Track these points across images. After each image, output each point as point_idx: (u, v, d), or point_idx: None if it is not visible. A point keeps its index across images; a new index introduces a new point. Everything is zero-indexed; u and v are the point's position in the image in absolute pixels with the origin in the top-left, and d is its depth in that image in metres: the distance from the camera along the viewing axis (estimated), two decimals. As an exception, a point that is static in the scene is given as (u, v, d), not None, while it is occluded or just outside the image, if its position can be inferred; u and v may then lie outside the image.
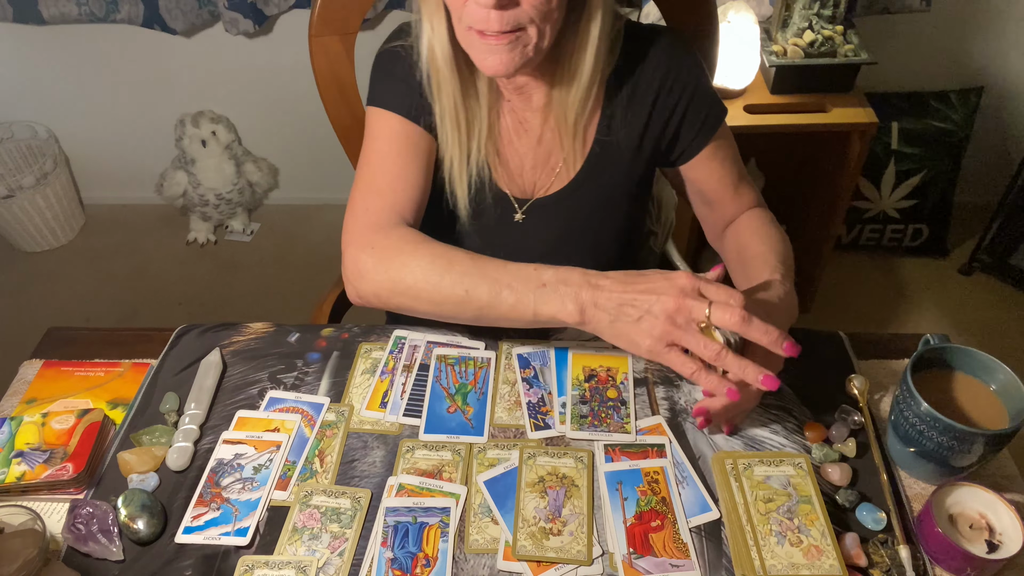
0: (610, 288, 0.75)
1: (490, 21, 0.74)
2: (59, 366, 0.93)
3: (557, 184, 0.96)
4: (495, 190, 0.96)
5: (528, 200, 0.97)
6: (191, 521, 0.77)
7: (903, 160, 2.03)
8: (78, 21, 2.05)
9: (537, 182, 0.97)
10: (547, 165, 0.96)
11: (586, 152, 0.94)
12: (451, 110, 0.88)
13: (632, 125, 0.93)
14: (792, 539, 0.73)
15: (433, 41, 0.83)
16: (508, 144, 0.95)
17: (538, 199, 0.97)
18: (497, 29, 0.75)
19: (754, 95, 1.75)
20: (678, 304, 0.72)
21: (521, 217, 0.97)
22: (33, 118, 2.35)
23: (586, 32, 0.83)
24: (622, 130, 0.93)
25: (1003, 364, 0.77)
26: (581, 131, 0.92)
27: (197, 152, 2.27)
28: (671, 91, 0.91)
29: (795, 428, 0.84)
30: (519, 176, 0.97)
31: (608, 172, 0.95)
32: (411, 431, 0.85)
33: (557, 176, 0.96)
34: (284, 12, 2.07)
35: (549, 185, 0.97)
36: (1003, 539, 0.70)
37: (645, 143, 0.94)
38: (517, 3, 0.75)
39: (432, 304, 0.82)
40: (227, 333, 0.97)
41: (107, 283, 2.32)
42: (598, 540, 0.74)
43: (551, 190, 0.97)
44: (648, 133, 0.94)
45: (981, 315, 2.08)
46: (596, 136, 0.93)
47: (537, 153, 0.95)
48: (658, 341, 0.73)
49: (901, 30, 2.01)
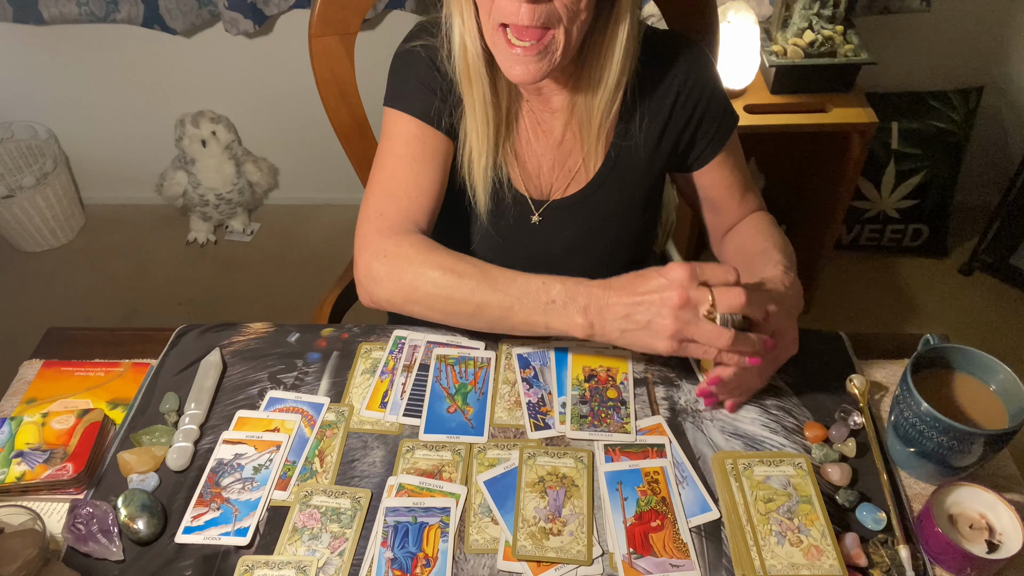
0: (616, 299, 0.76)
1: (520, 15, 0.74)
2: (59, 366, 0.93)
3: (574, 186, 0.97)
4: (513, 191, 0.96)
5: (545, 202, 0.97)
6: (191, 521, 0.77)
7: (903, 160, 2.03)
8: (78, 21, 2.05)
9: (554, 184, 0.97)
10: (564, 167, 0.96)
11: (604, 155, 0.94)
12: (481, 104, 0.87)
13: (650, 130, 0.93)
14: (792, 539, 0.73)
15: (465, 36, 0.83)
16: (526, 145, 0.95)
17: (555, 201, 0.97)
18: (528, 23, 0.74)
19: (754, 95, 1.75)
20: (681, 299, 0.73)
21: (538, 219, 0.97)
22: (33, 118, 2.35)
23: (613, 36, 0.82)
24: (640, 135, 0.93)
25: (1003, 364, 0.77)
26: (603, 135, 0.92)
27: (197, 152, 2.27)
28: (689, 97, 0.92)
29: (795, 428, 0.84)
30: (536, 177, 0.97)
31: (625, 176, 0.96)
32: (411, 431, 0.85)
33: (574, 179, 0.96)
34: (284, 12, 2.07)
35: (566, 187, 0.97)
36: (1003, 539, 0.70)
37: (662, 148, 0.95)
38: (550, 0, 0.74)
39: (444, 314, 0.83)
40: (227, 333, 0.97)
41: (107, 283, 2.32)
42: (598, 540, 0.74)
43: (568, 192, 0.97)
44: (665, 138, 0.94)
45: (981, 315, 2.08)
46: (614, 140, 0.94)
47: (555, 155, 0.96)
48: (671, 340, 0.74)
49: (901, 30, 2.00)
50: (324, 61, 1.10)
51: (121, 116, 2.35)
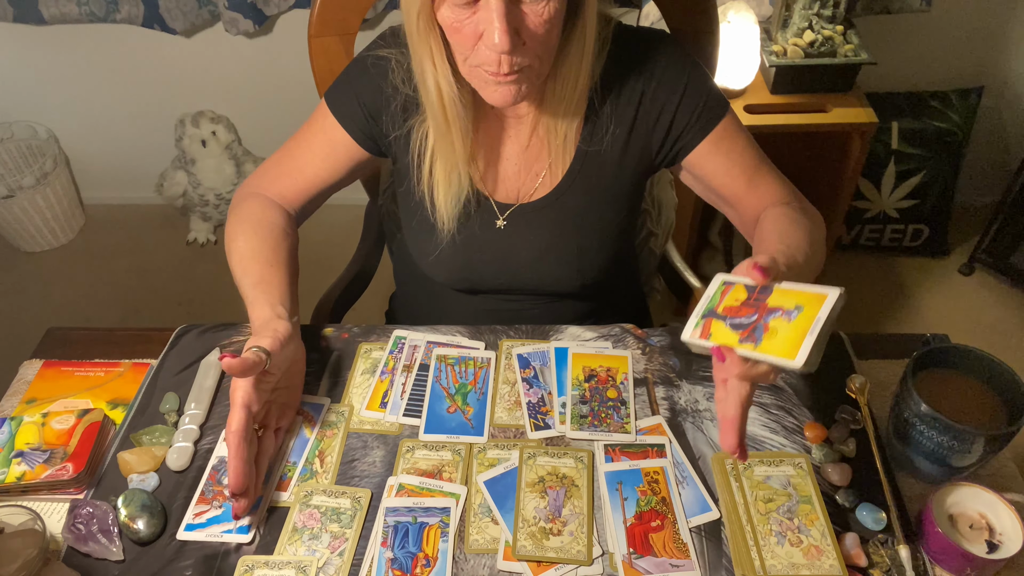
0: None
1: (500, 64, 0.75)
2: (59, 366, 0.93)
3: (540, 191, 0.96)
4: (477, 195, 0.96)
5: (511, 206, 0.97)
6: (193, 518, 0.77)
7: (903, 160, 2.03)
8: (78, 21, 2.05)
9: (521, 188, 0.97)
10: (531, 171, 0.96)
11: (571, 160, 0.94)
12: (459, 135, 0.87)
13: (617, 134, 0.92)
14: (792, 539, 0.73)
15: (440, 80, 0.83)
16: (492, 150, 0.95)
17: (520, 206, 0.97)
18: (507, 71, 0.76)
19: (754, 95, 1.75)
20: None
21: (503, 223, 0.97)
22: (33, 118, 2.35)
23: (579, 45, 0.82)
24: (605, 138, 0.92)
25: (1003, 364, 0.77)
26: (569, 140, 0.92)
27: (197, 152, 2.27)
28: (655, 96, 0.90)
29: (795, 428, 0.84)
30: (502, 182, 0.97)
31: (592, 180, 0.95)
32: (411, 431, 0.85)
33: (541, 183, 0.96)
34: (284, 12, 2.07)
35: (532, 192, 0.97)
36: (1003, 539, 0.70)
37: (630, 150, 0.93)
38: (524, 43, 0.75)
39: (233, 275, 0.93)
40: (227, 333, 0.97)
41: (107, 283, 2.32)
42: (598, 540, 0.74)
43: (534, 196, 0.97)
44: (633, 140, 0.93)
45: (981, 315, 2.08)
46: (580, 145, 0.93)
47: (521, 160, 0.95)
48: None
49: (901, 30, 2.00)
50: (324, 61, 1.10)
51: (121, 116, 2.35)
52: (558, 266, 0.99)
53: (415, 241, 1.01)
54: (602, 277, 1.01)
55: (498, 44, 0.72)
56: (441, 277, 1.02)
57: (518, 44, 0.75)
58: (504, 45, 0.72)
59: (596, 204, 0.97)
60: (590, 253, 0.99)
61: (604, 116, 0.92)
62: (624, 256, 1.07)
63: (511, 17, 0.73)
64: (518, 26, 0.74)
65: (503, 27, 0.72)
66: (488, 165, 0.96)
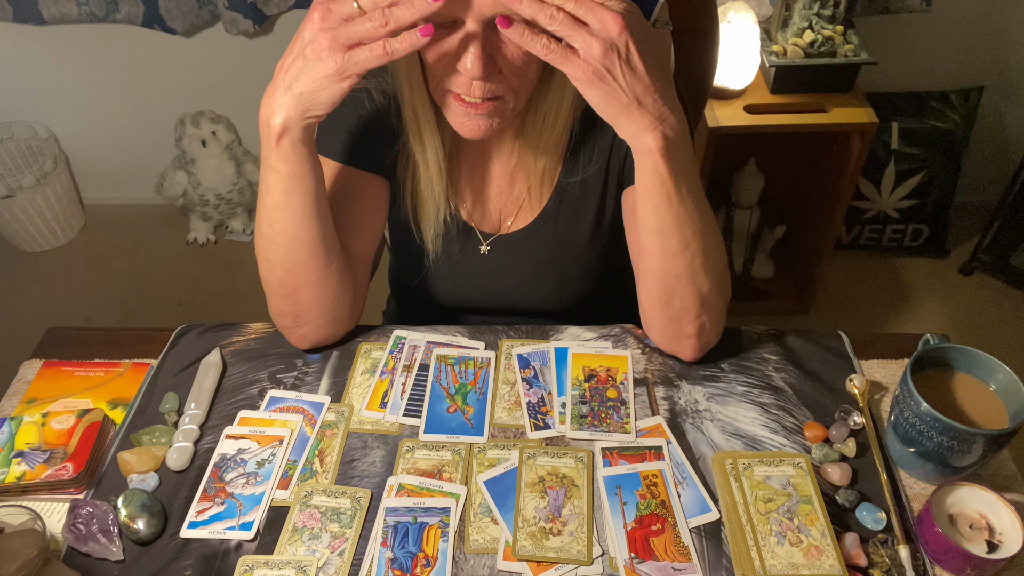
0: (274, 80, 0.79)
1: (473, 89, 0.74)
2: (59, 366, 0.93)
3: (521, 220, 0.96)
4: (460, 222, 0.96)
5: (493, 234, 0.98)
6: (195, 516, 0.77)
7: (903, 160, 2.03)
8: (78, 21, 2.05)
9: (503, 212, 0.97)
10: (512, 195, 0.96)
11: (550, 192, 0.94)
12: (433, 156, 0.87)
13: (596, 164, 0.92)
14: (792, 539, 0.73)
15: (416, 104, 0.83)
16: (473, 170, 0.95)
17: (502, 235, 0.97)
18: (479, 96, 0.75)
19: (754, 95, 1.75)
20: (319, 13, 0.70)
21: (487, 249, 0.97)
22: (33, 118, 2.35)
23: (561, 81, 0.81)
24: (586, 169, 0.92)
25: (1003, 364, 0.77)
26: (549, 174, 0.92)
27: (197, 152, 2.27)
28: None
29: (795, 428, 0.84)
30: (483, 206, 0.97)
31: (572, 213, 0.95)
32: (411, 431, 0.85)
33: (521, 211, 0.96)
34: (284, 12, 2.07)
35: (514, 218, 0.97)
36: (1003, 539, 0.70)
37: (610, 180, 0.93)
38: (500, 72, 0.74)
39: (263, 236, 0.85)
40: (227, 333, 0.97)
41: (107, 283, 2.32)
42: (598, 540, 0.74)
43: (515, 227, 0.97)
44: (611, 169, 0.92)
45: (981, 315, 2.08)
46: (560, 179, 0.93)
47: (501, 185, 0.96)
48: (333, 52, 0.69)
49: (901, 30, 2.00)
50: (324, 61, 1.09)
51: (121, 116, 2.35)
52: (540, 293, 1.00)
53: (402, 263, 1.01)
54: (586, 302, 1.02)
55: (471, 69, 0.71)
56: (428, 299, 1.03)
57: (493, 71, 0.73)
58: (476, 71, 0.71)
59: (576, 236, 0.96)
60: (571, 283, 1.00)
61: (586, 147, 0.91)
62: (609, 279, 1.04)
63: (488, 43, 0.71)
64: (495, 53, 0.73)
65: (478, 52, 0.71)
66: (470, 186, 0.96)
